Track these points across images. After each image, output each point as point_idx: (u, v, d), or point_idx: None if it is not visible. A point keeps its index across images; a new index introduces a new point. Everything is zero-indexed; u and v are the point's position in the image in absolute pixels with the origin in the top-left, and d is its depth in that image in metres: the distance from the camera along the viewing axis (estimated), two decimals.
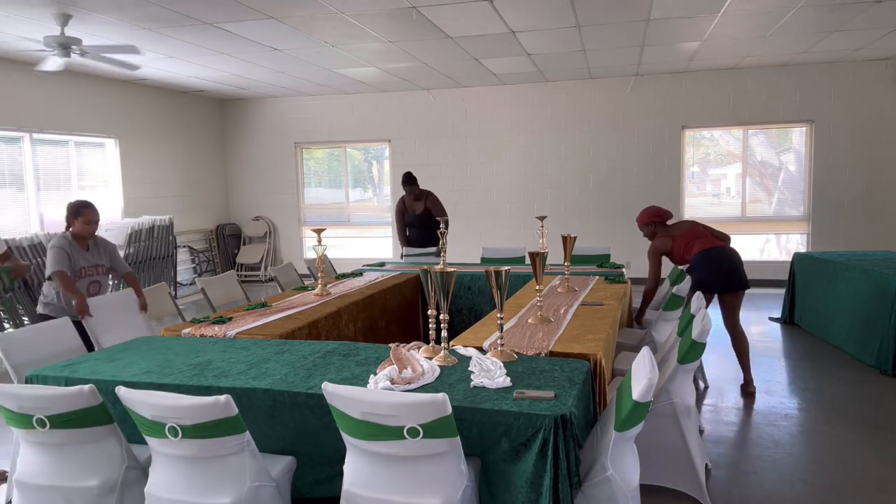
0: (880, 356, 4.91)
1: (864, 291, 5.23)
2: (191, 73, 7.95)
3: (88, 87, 7.95)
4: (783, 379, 4.85)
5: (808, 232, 8.72)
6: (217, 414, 2.10)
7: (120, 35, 5.91)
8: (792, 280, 6.53)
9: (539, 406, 2.22)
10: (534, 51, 7.08)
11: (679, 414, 2.91)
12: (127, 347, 3.26)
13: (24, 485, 2.44)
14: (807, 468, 3.37)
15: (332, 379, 2.57)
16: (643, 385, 2.09)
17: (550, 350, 2.95)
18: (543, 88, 9.24)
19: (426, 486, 2.11)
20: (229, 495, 2.18)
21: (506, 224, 9.58)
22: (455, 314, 5.44)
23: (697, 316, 2.90)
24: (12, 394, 2.33)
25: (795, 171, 8.84)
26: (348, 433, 2.16)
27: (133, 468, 2.43)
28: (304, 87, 9.28)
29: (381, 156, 10.33)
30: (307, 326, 3.71)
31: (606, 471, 2.16)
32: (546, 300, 4.05)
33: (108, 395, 2.49)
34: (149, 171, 9.01)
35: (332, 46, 6.63)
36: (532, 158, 9.42)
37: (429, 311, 2.86)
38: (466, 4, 5.25)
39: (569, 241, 4.33)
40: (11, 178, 7.13)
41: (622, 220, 9.12)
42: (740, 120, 8.70)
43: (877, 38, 6.93)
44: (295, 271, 5.67)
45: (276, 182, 10.50)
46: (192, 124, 9.89)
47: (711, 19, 5.94)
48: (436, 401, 2.00)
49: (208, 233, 10.27)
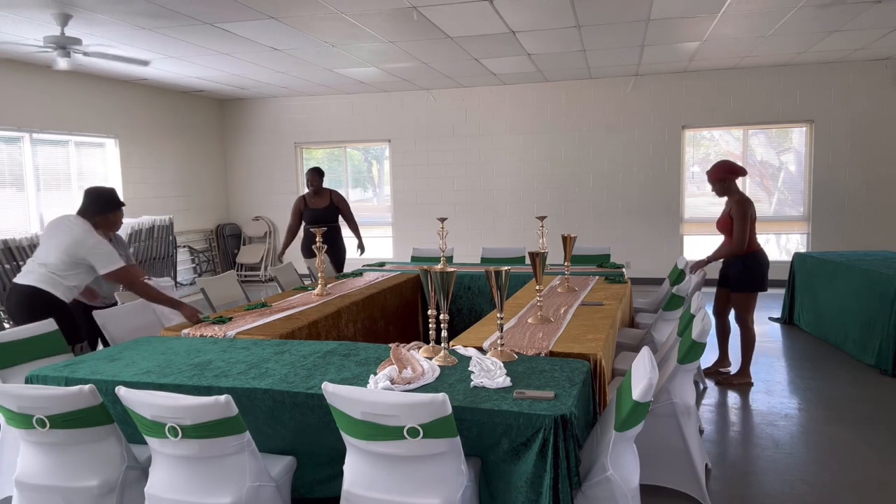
0: (880, 356, 4.92)
1: (864, 291, 5.23)
2: (191, 73, 7.95)
3: (88, 87, 7.95)
4: (783, 379, 4.85)
5: (808, 232, 8.72)
6: (217, 414, 2.10)
7: (120, 35, 5.91)
8: (792, 280, 6.53)
9: (539, 406, 2.22)
10: (534, 51, 7.08)
11: (679, 414, 2.91)
12: (127, 347, 3.26)
13: (24, 485, 2.44)
14: (807, 468, 3.37)
15: (332, 379, 2.57)
16: (643, 385, 2.09)
17: (550, 350, 2.95)
18: (543, 88, 9.24)
19: (426, 486, 2.11)
20: (229, 495, 2.18)
21: (506, 224, 9.58)
22: (455, 314, 5.44)
23: (697, 316, 2.90)
24: (12, 394, 2.33)
25: (795, 171, 8.84)
26: (348, 433, 2.16)
27: (133, 468, 2.43)
28: (304, 87, 9.28)
29: (381, 156, 10.33)
30: (307, 326, 3.71)
31: (606, 471, 2.16)
32: (546, 300, 4.05)
33: (108, 395, 2.49)
34: (149, 171, 9.00)
35: (332, 46, 6.63)
36: (532, 158, 9.42)
37: (429, 311, 2.86)
38: (466, 4, 5.24)
39: (569, 241, 4.33)
40: (11, 178, 7.13)
41: (622, 220, 9.13)
42: (740, 120, 8.70)
43: (877, 38, 6.93)
44: (295, 271, 5.67)
45: (276, 182, 10.50)
46: (192, 124, 9.89)
47: (711, 19, 5.94)
48: (436, 401, 2.00)
49: (208, 233, 10.27)
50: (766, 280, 4.59)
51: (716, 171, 4.59)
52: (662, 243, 8.99)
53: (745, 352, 4.71)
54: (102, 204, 3.77)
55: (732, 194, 4.58)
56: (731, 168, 4.56)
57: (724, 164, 4.61)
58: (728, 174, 4.54)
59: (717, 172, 4.57)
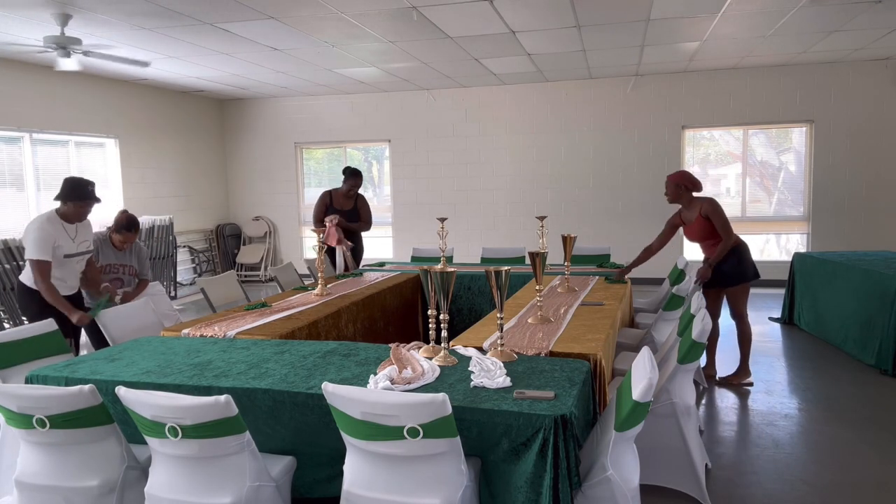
0: (880, 356, 4.91)
1: (864, 291, 5.23)
2: (191, 73, 7.96)
3: (88, 87, 7.95)
4: (783, 379, 4.85)
5: (808, 232, 8.73)
6: (217, 414, 2.10)
7: (120, 35, 5.91)
8: (792, 280, 6.53)
9: (539, 406, 2.22)
10: (534, 51, 7.08)
11: (679, 414, 2.91)
12: (127, 347, 3.26)
13: (24, 485, 2.44)
14: (807, 468, 3.37)
15: (332, 379, 2.57)
16: (643, 385, 2.09)
17: (550, 350, 2.95)
18: (543, 88, 9.24)
19: (426, 486, 2.11)
20: (229, 495, 2.18)
21: (506, 224, 9.58)
22: (455, 314, 5.44)
23: (697, 316, 2.90)
24: (12, 394, 2.33)
25: (795, 171, 8.84)
26: (348, 433, 2.16)
27: (133, 468, 2.43)
28: (304, 87, 9.28)
29: (381, 156, 10.33)
30: (307, 326, 3.71)
31: (606, 471, 2.16)
32: (546, 300, 4.05)
33: (108, 395, 2.49)
34: (149, 171, 9.01)
35: (332, 46, 6.63)
36: (532, 158, 9.42)
37: (429, 311, 2.86)
38: (466, 4, 5.25)
39: (569, 241, 4.33)
40: (11, 178, 7.13)
41: (622, 220, 9.13)
42: (740, 120, 8.70)
43: (877, 38, 6.93)
44: (295, 271, 5.67)
45: (276, 182, 10.50)
46: (192, 124, 9.89)
47: (711, 19, 5.94)
48: (436, 401, 2.00)
49: (208, 233, 10.28)
50: (755, 266, 4.68)
51: (678, 176, 4.80)
52: None
53: (743, 348, 4.72)
54: (67, 191, 3.94)
55: (687, 202, 4.74)
56: (693, 180, 4.75)
57: (686, 174, 4.82)
58: (689, 183, 4.73)
59: (678, 178, 4.78)
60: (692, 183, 4.72)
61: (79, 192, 3.95)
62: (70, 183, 3.98)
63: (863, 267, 5.37)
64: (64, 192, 3.94)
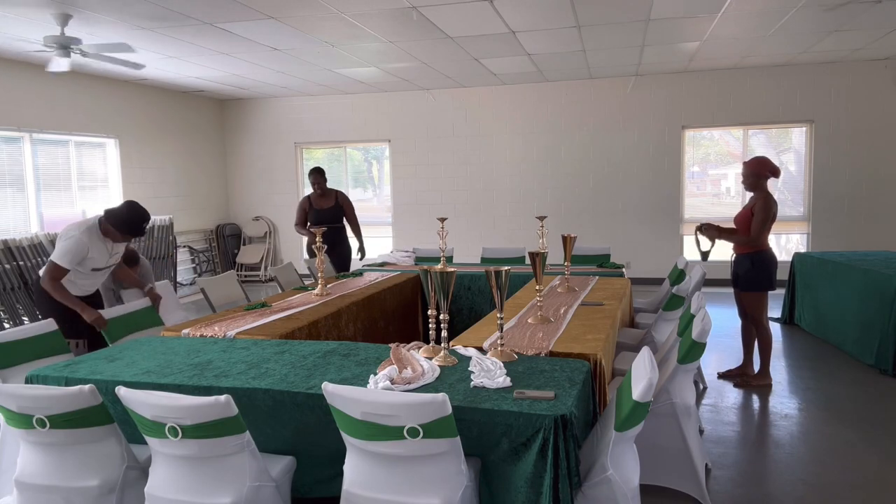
0: (880, 356, 4.92)
1: (864, 291, 5.23)
2: (191, 73, 7.95)
3: (88, 87, 7.95)
4: (783, 379, 4.85)
5: (808, 232, 8.72)
6: (217, 414, 2.10)
7: (120, 35, 5.91)
8: (792, 280, 6.53)
9: (539, 406, 2.22)
10: (534, 51, 7.08)
11: (679, 414, 2.91)
12: (127, 347, 3.26)
13: (24, 485, 2.44)
14: (807, 468, 3.37)
15: (332, 379, 2.57)
16: (643, 385, 2.09)
17: (550, 350, 2.95)
18: (543, 88, 9.23)
19: (426, 486, 2.11)
20: (229, 495, 2.18)
21: (506, 224, 9.58)
22: (455, 314, 5.43)
23: (697, 316, 2.90)
24: (12, 394, 2.33)
25: (795, 171, 8.83)
26: (348, 433, 2.16)
27: (133, 468, 2.43)
28: (304, 87, 9.28)
29: (381, 156, 10.33)
30: (307, 326, 3.71)
31: (606, 471, 2.16)
32: (546, 300, 4.05)
33: (108, 395, 2.49)
34: (149, 171, 9.00)
35: (332, 46, 6.63)
36: (532, 158, 9.42)
37: (429, 311, 2.86)
38: (466, 4, 5.24)
39: (569, 241, 4.33)
40: (11, 178, 7.13)
41: (622, 220, 9.13)
42: (740, 120, 8.70)
43: (877, 38, 6.93)
44: (295, 271, 5.67)
45: (276, 182, 10.50)
46: (192, 124, 9.89)
47: (711, 19, 5.94)
48: (436, 401, 2.00)
49: (208, 233, 10.27)
50: (774, 279, 4.60)
51: (754, 164, 4.63)
52: (662, 243, 8.99)
53: (762, 353, 4.67)
54: (122, 220, 3.84)
55: (761, 191, 4.61)
56: (770, 166, 4.60)
57: (763, 160, 4.64)
58: (765, 170, 4.58)
59: (755, 166, 4.61)
60: (770, 170, 4.56)
61: (133, 227, 3.86)
62: (129, 212, 3.85)
63: (863, 267, 5.36)
64: (119, 219, 3.82)
